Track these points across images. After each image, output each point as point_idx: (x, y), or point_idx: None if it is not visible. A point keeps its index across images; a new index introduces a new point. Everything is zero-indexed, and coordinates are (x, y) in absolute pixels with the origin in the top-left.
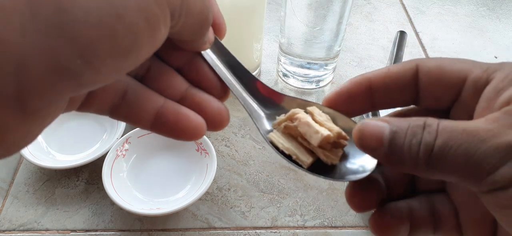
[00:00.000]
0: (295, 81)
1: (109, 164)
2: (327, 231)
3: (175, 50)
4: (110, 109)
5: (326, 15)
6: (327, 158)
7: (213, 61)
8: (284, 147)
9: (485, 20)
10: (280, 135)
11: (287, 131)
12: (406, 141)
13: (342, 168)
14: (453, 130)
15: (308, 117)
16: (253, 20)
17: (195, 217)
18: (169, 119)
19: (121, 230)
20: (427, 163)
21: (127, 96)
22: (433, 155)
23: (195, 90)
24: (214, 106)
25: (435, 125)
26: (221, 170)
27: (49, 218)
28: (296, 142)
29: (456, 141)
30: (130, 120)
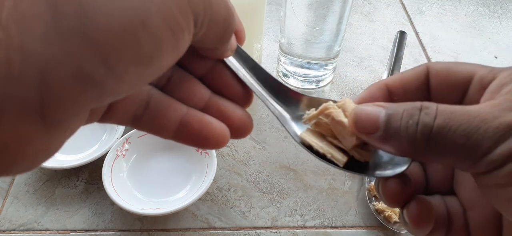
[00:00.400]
0: (295, 81)
1: (109, 164)
2: (327, 231)
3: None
4: (132, 119)
5: (326, 15)
6: (361, 156)
7: (236, 68)
8: (318, 146)
9: (485, 20)
10: (311, 134)
11: (318, 127)
12: (402, 123)
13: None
14: (453, 111)
15: (340, 114)
16: (253, 20)
17: (195, 217)
18: (193, 128)
19: (121, 230)
20: (426, 143)
21: (150, 106)
22: (432, 135)
23: (218, 98)
24: (238, 113)
25: (433, 107)
26: (221, 170)
27: (49, 218)
28: (326, 140)
29: (456, 122)
30: (153, 130)
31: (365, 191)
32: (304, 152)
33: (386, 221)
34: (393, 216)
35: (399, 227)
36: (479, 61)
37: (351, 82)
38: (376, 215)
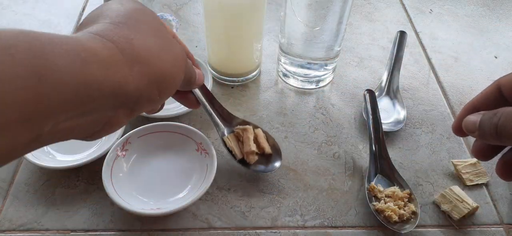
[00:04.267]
0: (295, 81)
1: (109, 164)
2: (327, 231)
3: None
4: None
5: (326, 15)
6: (249, 160)
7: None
8: (229, 143)
9: (485, 20)
10: (231, 137)
11: (236, 135)
12: (486, 124)
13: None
14: (508, 113)
15: (250, 132)
16: (253, 20)
17: (195, 217)
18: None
19: (121, 230)
20: (496, 135)
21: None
22: (498, 130)
23: None
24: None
25: (501, 111)
26: (221, 170)
27: (49, 218)
28: (238, 143)
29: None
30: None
31: (365, 191)
32: (305, 152)
33: (386, 221)
34: (393, 216)
35: (399, 227)
36: (479, 61)
37: (351, 82)
38: (376, 215)
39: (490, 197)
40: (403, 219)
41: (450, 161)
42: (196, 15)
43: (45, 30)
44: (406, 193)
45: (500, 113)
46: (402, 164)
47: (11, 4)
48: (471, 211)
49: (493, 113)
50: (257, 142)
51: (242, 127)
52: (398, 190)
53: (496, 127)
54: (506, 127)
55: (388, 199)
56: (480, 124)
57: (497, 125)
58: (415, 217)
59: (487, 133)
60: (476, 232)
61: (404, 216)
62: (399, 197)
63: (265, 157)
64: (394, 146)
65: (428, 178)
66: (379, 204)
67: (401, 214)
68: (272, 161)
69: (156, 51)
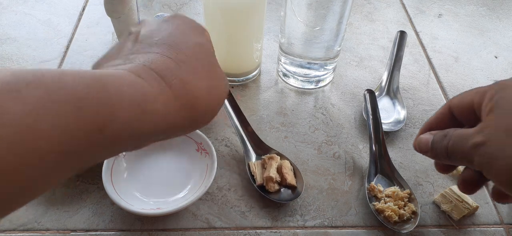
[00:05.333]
0: (295, 81)
1: (109, 164)
2: (327, 231)
3: None
4: None
5: (326, 15)
6: (269, 188)
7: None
8: (253, 168)
9: (485, 20)
10: (257, 164)
11: (262, 163)
12: (437, 146)
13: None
14: (455, 138)
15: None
16: (253, 20)
17: (195, 217)
18: None
19: (121, 230)
20: (448, 156)
21: None
22: (448, 152)
23: None
24: None
25: (450, 133)
26: (221, 170)
27: (49, 218)
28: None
29: (456, 144)
30: None
31: (365, 191)
32: (304, 152)
33: (386, 221)
34: (393, 216)
35: (399, 227)
36: (479, 61)
37: (351, 82)
38: (376, 215)
39: (490, 197)
40: (403, 219)
41: None
42: (196, 15)
43: (45, 30)
44: (406, 193)
45: (450, 135)
46: (402, 164)
47: (11, 4)
48: (471, 211)
49: (443, 135)
50: (281, 172)
51: (268, 156)
52: (398, 190)
53: (447, 149)
54: (456, 150)
55: (388, 199)
56: (432, 145)
57: (447, 148)
58: (415, 217)
59: (439, 154)
60: (476, 232)
61: (404, 216)
62: (399, 197)
63: (288, 188)
64: (394, 146)
65: (428, 178)
66: (379, 204)
67: (401, 214)
68: (292, 194)
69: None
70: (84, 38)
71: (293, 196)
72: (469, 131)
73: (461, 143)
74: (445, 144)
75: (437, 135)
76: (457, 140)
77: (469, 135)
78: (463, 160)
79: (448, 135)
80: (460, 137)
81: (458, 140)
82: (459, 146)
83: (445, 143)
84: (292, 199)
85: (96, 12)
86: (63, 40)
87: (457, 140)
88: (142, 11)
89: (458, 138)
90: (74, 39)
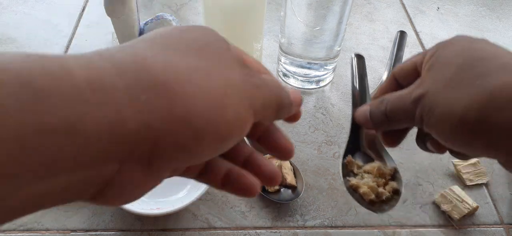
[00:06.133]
0: (295, 81)
1: None
2: (327, 231)
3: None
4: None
5: (326, 15)
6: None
7: None
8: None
9: (485, 20)
10: None
11: None
12: (375, 113)
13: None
14: (393, 99)
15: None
16: (253, 20)
17: (195, 217)
18: (234, 181)
19: (121, 230)
20: (388, 120)
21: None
22: (388, 115)
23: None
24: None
25: (387, 98)
26: None
27: (49, 218)
28: None
29: (395, 104)
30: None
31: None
32: (304, 152)
33: (361, 199)
34: (369, 193)
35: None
36: None
37: None
38: (350, 193)
39: (490, 197)
40: (382, 199)
41: (450, 161)
42: (196, 15)
43: (45, 29)
44: (390, 170)
45: (386, 99)
46: (402, 164)
47: (11, 4)
48: (471, 211)
49: (379, 102)
50: (281, 172)
51: (268, 156)
52: (379, 165)
53: (385, 113)
54: (395, 110)
55: (366, 175)
56: (371, 114)
57: (385, 111)
58: (397, 197)
59: (378, 121)
60: (476, 232)
61: (382, 195)
62: (380, 174)
63: (288, 188)
64: None
65: (428, 178)
66: (355, 179)
67: (380, 192)
68: (292, 194)
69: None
70: (84, 38)
71: (293, 196)
72: (408, 89)
73: (401, 101)
74: (383, 109)
75: (373, 103)
76: (396, 101)
77: (409, 92)
78: (404, 118)
79: (385, 100)
80: (399, 97)
81: (397, 100)
82: (400, 105)
83: (383, 108)
84: (292, 199)
85: (96, 12)
86: (63, 40)
87: (396, 100)
88: (142, 11)
89: (397, 98)
90: (74, 39)
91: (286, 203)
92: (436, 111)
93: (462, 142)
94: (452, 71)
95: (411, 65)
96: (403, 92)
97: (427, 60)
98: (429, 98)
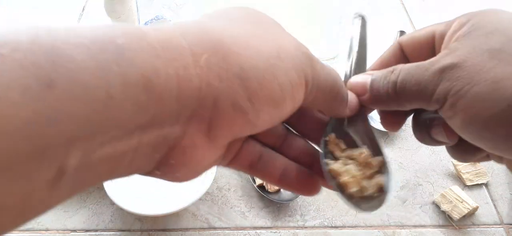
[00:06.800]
0: None
1: None
2: (327, 231)
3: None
4: (249, 166)
5: None
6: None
7: None
8: None
9: None
10: None
11: None
12: (380, 83)
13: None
14: (409, 68)
15: None
16: None
17: (195, 217)
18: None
19: (121, 230)
20: (396, 94)
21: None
22: (397, 88)
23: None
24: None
25: (399, 67)
26: (221, 170)
27: (49, 218)
28: None
29: (410, 75)
30: (262, 176)
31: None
32: None
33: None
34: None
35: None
36: None
37: None
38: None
39: (490, 197)
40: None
41: (450, 161)
42: (196, 16)
43: None
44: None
45: (398, 69)
46: (402, 164)
47: (11, 4)
48: (471, 211)
49: (388, 71)
50: None
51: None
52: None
53: (395, 84)
54: (409, 82)
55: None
56: (373, 85)
57: (395, 83)
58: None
59: (381, 94)
60: (476, 232)
61: (365, 190)
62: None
63: None
64: (394, 146)
65: (428, 178)
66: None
67: (363, 186)
68: (292, 194)
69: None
70: None
71: (293, 196)
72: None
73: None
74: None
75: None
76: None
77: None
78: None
79: (396, 69)
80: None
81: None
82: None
83: (393, 78)
84: (292, 199)
85: (96, 12)
86: None
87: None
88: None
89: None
90: None
91: (286, 203)
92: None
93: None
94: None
95: (427, 35)
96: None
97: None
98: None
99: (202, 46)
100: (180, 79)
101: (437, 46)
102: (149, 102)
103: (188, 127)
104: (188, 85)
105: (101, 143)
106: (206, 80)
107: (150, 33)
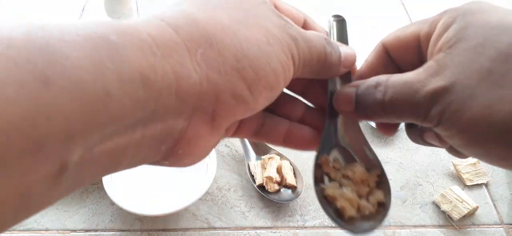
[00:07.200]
0: None
1: None
2: (327, 231)
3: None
4: (253, 133)
5: None
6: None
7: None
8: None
9: None
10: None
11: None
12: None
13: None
14: (396, 85)
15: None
16: None
17: (195, 217)
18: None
19: (121, 230)
20: (384, 112)
21: (265, 124)
22: (386, 108)
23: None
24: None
25: (384, 82)
26: (221, 170)
27: (49, 218)
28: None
29: (399, 94)
30: (268, 140)
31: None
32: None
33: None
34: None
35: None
36: None
37: None
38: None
39: (490, 197)
40: (364, 214)
41: (450, 161)
42: None
43: None
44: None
45: (383, 85)
46: (402, 164)
47: (11, 4)
48: (471, 211)
49: (372, 85)
50: (281, 172)
51: (268, 156)
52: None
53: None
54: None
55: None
56: (358, 100)
57: (383, 102)
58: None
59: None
60: (476, 232)
61: (365, 210)
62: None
63: (288, 188)
64: (394, 146)
65: (428, 178)
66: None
67: (362, 206)
68: (292, 194)
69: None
70: None
71: (293, 196)
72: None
73: (407, 92)
74: (379, 97)
75: (363, 85)
76: (400, 89)
77: (420, 79)
78: (409, 115)
79: (382, 83)
80: (405, 84)
81: (402, 89)
82: (407, 97)
83: (379, 96)
84: (292, 199)
85: (96, 12)
86: None
87: (400, 89)
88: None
89: (402, 86)
90: None
91: (286, 203)
92: (466, 114)
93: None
94: (491, 57)
95: (412, 36)
96: (410, 77)
97: (442, 31)
98: (455, 94)
99: (196, 41)
100: (178, 75)
101: (423, 47)
102: (148, 98)
103: (191, 119)
104: (187, 81)
105: (101, 138)
106: (205, 74)
107: (143, 30)
